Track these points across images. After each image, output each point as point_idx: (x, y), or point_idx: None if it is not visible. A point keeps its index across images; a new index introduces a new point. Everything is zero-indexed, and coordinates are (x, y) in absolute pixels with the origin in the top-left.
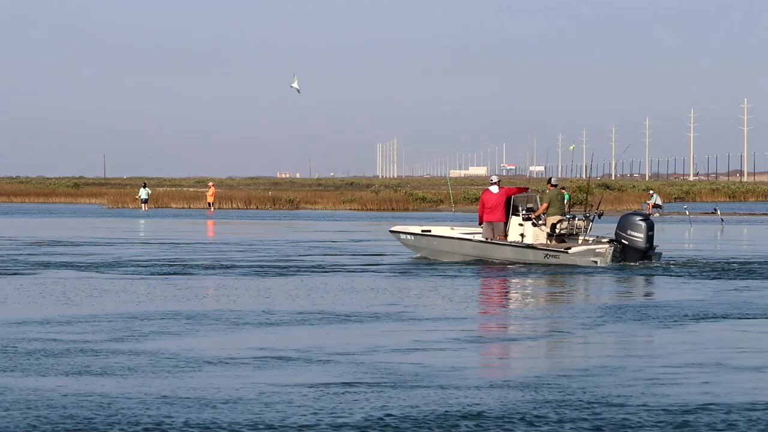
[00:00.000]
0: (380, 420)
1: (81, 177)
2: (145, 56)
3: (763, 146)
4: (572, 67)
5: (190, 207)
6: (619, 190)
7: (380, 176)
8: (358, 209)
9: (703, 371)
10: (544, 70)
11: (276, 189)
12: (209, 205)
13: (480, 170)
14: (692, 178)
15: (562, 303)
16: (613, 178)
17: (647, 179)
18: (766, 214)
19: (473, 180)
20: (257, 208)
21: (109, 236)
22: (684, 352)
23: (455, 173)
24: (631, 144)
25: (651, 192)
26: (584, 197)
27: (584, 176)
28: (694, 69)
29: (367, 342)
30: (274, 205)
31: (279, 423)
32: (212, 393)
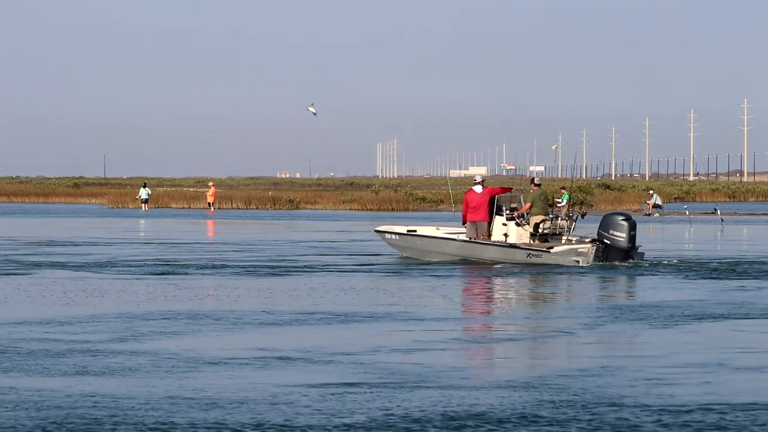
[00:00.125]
0: (384, 420)
1: (81, 177)
2: (145, 56)
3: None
4: (572, 67)
5: (190, 207)
6: (619, 190)
7: (380, 176)
8: (358, 209)
9: (704, 371)
10: (545, 70)
11: (276, 189)
12: (209, 205)
13: (480, 170)
14: (692, 178)
15: (559, 303)
16: (613, 178)
17: (647, 179)
18: (766, 214)
19: (473, 180)
20: (257, 208)
21: (109, 236)
22: (685, 353)
23: (455, 173)
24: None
25: (651, 192)
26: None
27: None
28: (694, 69)
29: (368, 342)
30: (274, 205)
31: (284, 423)
32: (216, 393)
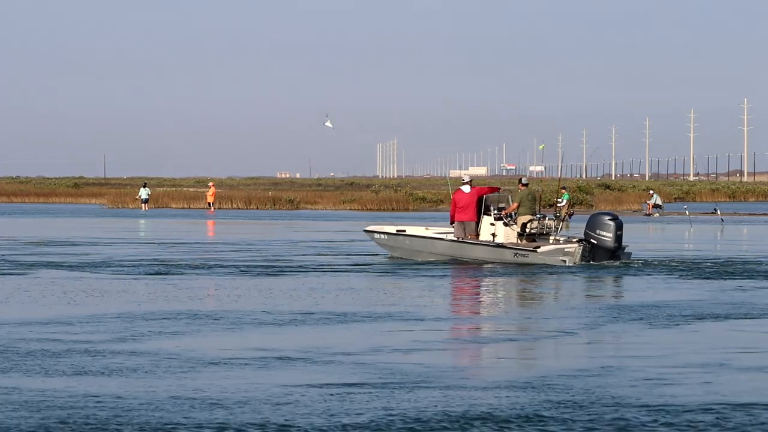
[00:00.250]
0: (385, 420)
1: (81, 177)
2: (146, 56)
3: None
4: (572, 67)
5: (190, 207)
6: (619, 190)
7: (380, 176)
8: (358, 209)
9: (705, 371)
10: (545, 70)
11: (276, 189)
12: (209, 205)
13: (480, 170)
14: (692, 178)
15: (557, 303)
16: (613, 178)
17: (647, 179)
18: (766, 214)
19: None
20: (257, 208)
21: (108, 236)
22: (685, 353)
23: (455, 173)
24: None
25: (651, 192)
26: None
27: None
28: (694, 69)
29: (369, 342)
30: (274, 206)
31: (286, 423)
32: (218, 394)
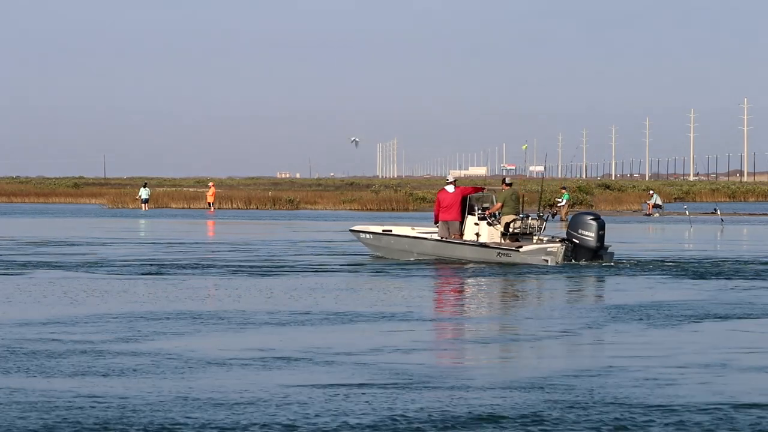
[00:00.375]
0: (388, 421)
1: (81, 177)
2: (146, 56)
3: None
4: (572, 67)
5: (190, 207)
6: (619, 190)
7: (380, 176)
8: (358, 209)
9: (707, 371)
10: (545, 70)
11: (276, 189)
12: (209, 205)
13: (480, 170)
14: (692, 178)
15: (553, 303)
16: (613, 178)
17: (647, 179)
18: (766, 214)
19: (473, 180)
20: (257, 208)
21: (107, 236)
22: (687, 353)
23: (455, 173)
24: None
25: (651, 192)
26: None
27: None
28: (694, 69)
29: (370, 342)
30: (274, 206)
31: (290, 423)
32: (223, 394)
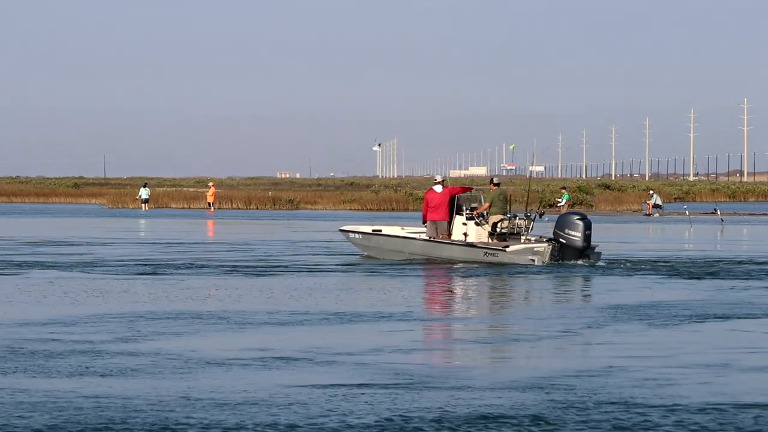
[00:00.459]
0: (392, 421)
1: (81, 177)
2: (145, 56)
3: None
4: (572, 67)
5: (190, 207)
6: (619, 190)
7: (380, 176)
8: (358, 209)
9: (709, 371)
10: (545, 70)
11: (276, 189)
12: (209, 206)
13: (480, 170)
14: (692, 178)
15: (553, 303)
16: (613, 178)
17: (647, 179)
18: (766, 214)
19: (473, 180)
20: (257, 209)
21: (106, 236)
22: (687, 353)
23: (455, 173)
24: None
25: (651, 192)
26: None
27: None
28: (694, 69)
29: (371, 342)
30: (274, 206)
31: (295, 423)
32: (226, 394)
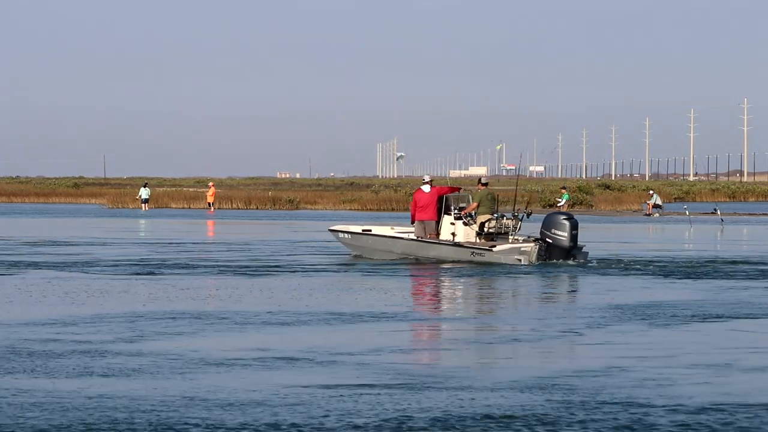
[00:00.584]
0: (394, 421)
1: (81, 177)
2: (145, 56)
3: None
4: (572, 67)
5: (190, 207)
6: (619, 190)
7: (380, 176)
8: (358, 209)
9: (710, 371)
10: (545, 70)
11: (276, 189)
12: (209, 205)
13: (480, 170)
14: (692, 178)
15: (553, 303)
16: (613, 178)
17: (647, 179)
18: (766, 215)
19: (473, 180)
20: (257, 209)
21: (105, 236)
22: (688, 353)
23: (455, 173)
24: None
25: (651, 192)
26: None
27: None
28: (694, 69)
29: (372, 342)
30: (274, 206)
31: (298, 423)
32: (230, 394)
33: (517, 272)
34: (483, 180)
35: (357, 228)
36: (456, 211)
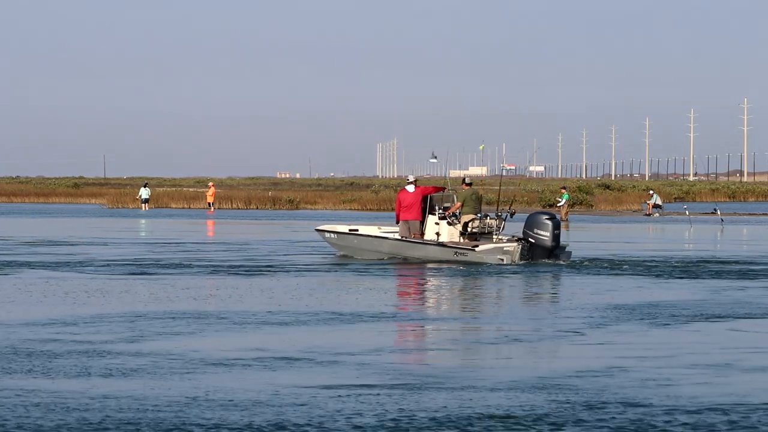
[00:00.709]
0: (396, 422)
1: (81, 177)
2: (145, 56)
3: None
4: (572, 67)
5: (190, 207)
6: (619, 190)
7: (380, 176)
8: (358, 209)
9: (711, 371)
10: (545, 70)
11: (276, 189)
12: (209, 205)
13: (480, 170)
14: (692, 178)
15: (553, 303)
16: (613, 178)
17: (647, 179)
18: (766, 214)
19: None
20: (257, 208)
21: (108, 237)
22: (688, 353)
23: (455, 173)
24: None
25: (651, 192)
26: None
27: (584, 176)
28: (695, 68)
29: (373, 342)
30: (274, 206)
31: (300, 423)
32: (229, 394)
33: (507, 272)
34: (467, 180)
35: (344, 228)
36: (440, 211)
